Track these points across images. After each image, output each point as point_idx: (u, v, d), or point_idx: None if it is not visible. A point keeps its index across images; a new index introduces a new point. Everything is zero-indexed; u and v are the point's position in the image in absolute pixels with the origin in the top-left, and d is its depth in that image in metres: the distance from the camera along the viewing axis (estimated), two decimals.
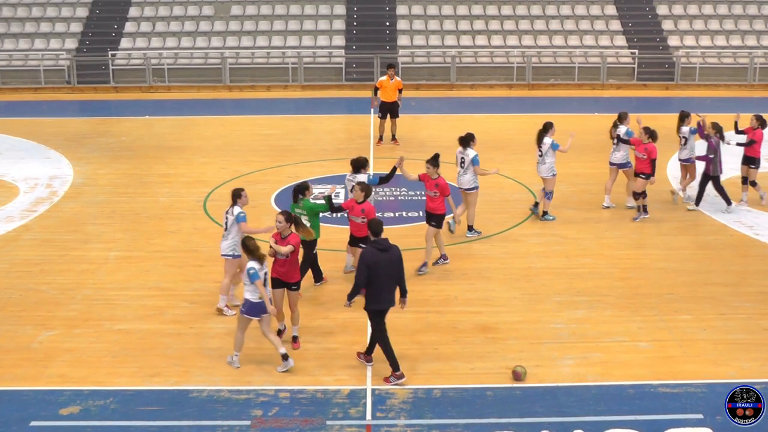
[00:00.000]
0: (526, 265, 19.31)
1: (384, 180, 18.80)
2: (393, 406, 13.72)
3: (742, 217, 22.22)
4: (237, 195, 16.92)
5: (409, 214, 22.25)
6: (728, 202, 22.48)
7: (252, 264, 14.47)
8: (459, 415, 13.48)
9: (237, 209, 16.71)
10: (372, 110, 31.23)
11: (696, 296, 17.70)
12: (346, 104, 37.53)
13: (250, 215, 21.31)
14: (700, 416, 13.42)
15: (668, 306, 17.22)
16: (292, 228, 15.36)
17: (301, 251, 16.22)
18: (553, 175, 21.56)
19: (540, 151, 21.46)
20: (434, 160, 18.69)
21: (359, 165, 18.84)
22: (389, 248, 14.41)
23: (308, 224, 16.76)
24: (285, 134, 31.27)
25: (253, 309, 14.61)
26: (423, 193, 23.19)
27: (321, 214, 17.33)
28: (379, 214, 19.81)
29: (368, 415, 13.50)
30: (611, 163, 22.53)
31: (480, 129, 30.75)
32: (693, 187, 23.14)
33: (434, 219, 18.77)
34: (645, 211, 21.93)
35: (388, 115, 29.03)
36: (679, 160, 23.37)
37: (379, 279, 14.28)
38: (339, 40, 42.30)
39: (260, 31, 42.49)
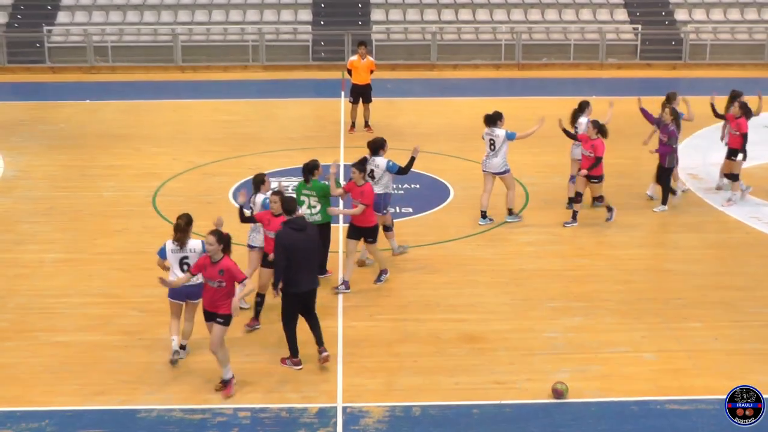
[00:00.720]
0: (517, 267, 19.34)
1: (403, 170, 18.95)
2: (367, 426, 13.70)
3: (758, 212, 22.32)
4: (260, 182, 17.26)
5: (384, 211, 22.21)
6: (667, 198, 22.35)
7: (167, 241, 15.23)
8: None
9: (260, 197, 17.07)
10: (342, 93, 31.21)
11: (707, 301, 17.75)
12: (314, 87, 37.48)
13: (205, 211, 21.30)
14: None
15: (676, 312, 17.27)
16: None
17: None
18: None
19: (576, 131, 21.78)
20: (361, 165, 17.96)
21: (377, 146, 19.12)
22: (305, 227, 15.05)
23: (318, 206, 17.74)
24: (246, 121, 31.22)
25: (170, 290, 15.23)
26: (404, 186, 23.25)
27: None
28: None
29: None
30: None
31: (464, 114, 30.91)
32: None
33: (367, 234, 18.05)
34: (610, 210, 21.66)
35: (360, 100, 29.02)
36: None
37: (297, 260, 14.74)
38: (305, 15, 42.26)
39: (216, 5, 42.40)
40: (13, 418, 13.87)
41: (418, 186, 23.72)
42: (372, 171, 18.87)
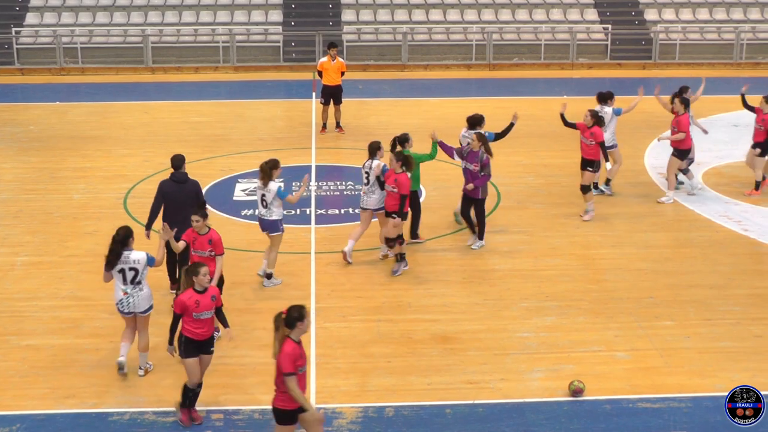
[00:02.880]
0: (489, 267, 19.36)
1: (501, 136, 20.70)
2: (340, 426, 13.68)
3: (728, 210, 22.41)
4: (377, 148, 19.11)
5: (357, 211, 22.19)
6: (473, 230, 20.21)
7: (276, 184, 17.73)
8: None
9: (377, 162, 18.89)
10: (314, 94, 31.15)
11: (679, 300, 17.82)
12: (284, 88, 37.42)
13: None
14: None
15: (648, 311, 17.33)
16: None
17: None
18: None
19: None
20: (202, 209, 15.97)
21: (475, 122, 20.65)
22: (186, 181, 17.29)
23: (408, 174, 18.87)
24: (216, 122, 31.12)
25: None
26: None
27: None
28: (321, 211, 19.81)
29: None
30: None
31: (435, 115, 30.97)
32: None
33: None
34: (403, 259, 18.98)
35: (332, 101, 29.00)
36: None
37: (172, 208, 16.94)
38: (276, 16, 42.19)
39: (186, 6, 42.27)
40: None
41: None
42: (468, 144, 20.12)
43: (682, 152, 22.57)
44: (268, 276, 18.30)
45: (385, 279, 18.71)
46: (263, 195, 17.79)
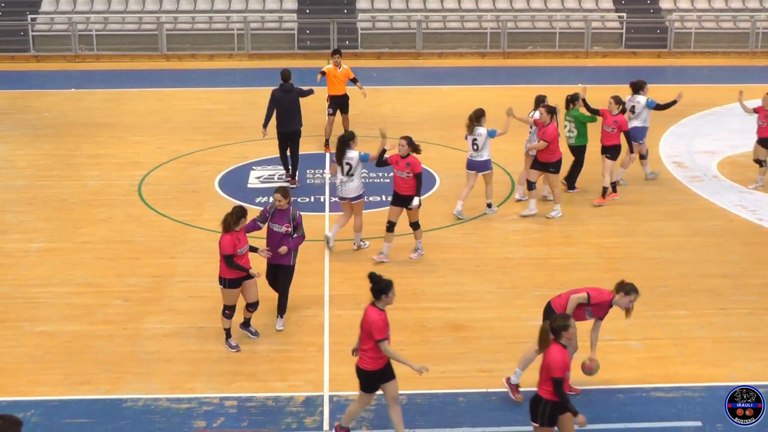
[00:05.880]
0: (503, 256, 19.32)
1: (663, 107, 22.54)
2: None
3: (743, 200, 22.33)
4: (541, 101, 21.65)
5: (370, 199, 22.18)
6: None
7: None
8: (428, 423, 13.48)
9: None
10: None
11: (692, 289, 17.77)
12: (299, 75, 37.26)
13: (191, 200, 21.34)
14: (699, 424, 13.47)
15: (661, 300, 17.28)
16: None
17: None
18: None
19: None
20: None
21: (638, 86, 22.60)
22: (291, 90, 22.80)
23: (575, 132, 21.85)
24: (230, 109, 31.13)
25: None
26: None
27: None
28: (335, 198, 19.77)
29: (326, 425, 13.46)
30: None
31: (449, 102, 30.91)
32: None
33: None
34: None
35: (338, 111, 27.12)
36: None
37: (281, 110, 22.65)
38: (290, 3, 42.17)
39: None
40: None
41: None
42: (633, 107, 22.62)
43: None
44: (489, 205, 21.47)
45: (398, 267, 18.68)
46: (474, 139, 20.58)
